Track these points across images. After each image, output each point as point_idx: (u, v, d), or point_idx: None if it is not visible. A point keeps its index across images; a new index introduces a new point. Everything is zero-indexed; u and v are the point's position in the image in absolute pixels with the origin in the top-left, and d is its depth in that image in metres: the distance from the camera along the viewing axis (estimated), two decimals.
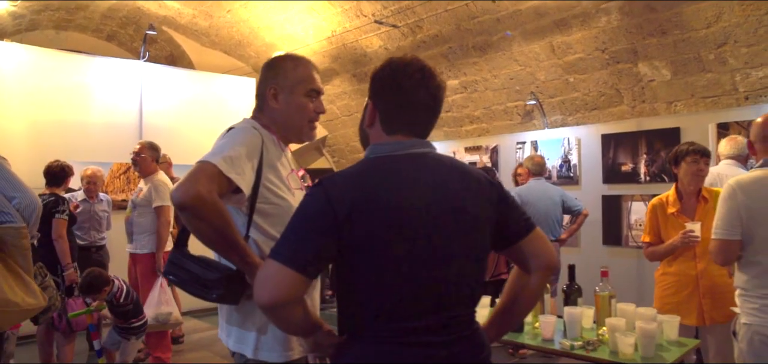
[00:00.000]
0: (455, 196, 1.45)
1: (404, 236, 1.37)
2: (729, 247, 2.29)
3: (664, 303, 3.01)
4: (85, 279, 3.89)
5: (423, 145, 1.50)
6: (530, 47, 6.15)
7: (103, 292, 3.85)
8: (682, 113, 5.68)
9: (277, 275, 1.33)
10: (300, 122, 1.93)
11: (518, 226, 1.56)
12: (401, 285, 1.37)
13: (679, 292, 2.96)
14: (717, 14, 4.93)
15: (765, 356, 2.21)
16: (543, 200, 4.94)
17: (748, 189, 2.27)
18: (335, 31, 7.19)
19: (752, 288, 2.27)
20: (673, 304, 2.96)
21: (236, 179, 1.69)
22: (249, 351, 1.83)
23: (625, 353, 2.22)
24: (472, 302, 1.52)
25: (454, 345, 1.43)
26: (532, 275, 1.57)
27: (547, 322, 2.51)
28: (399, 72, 1.49)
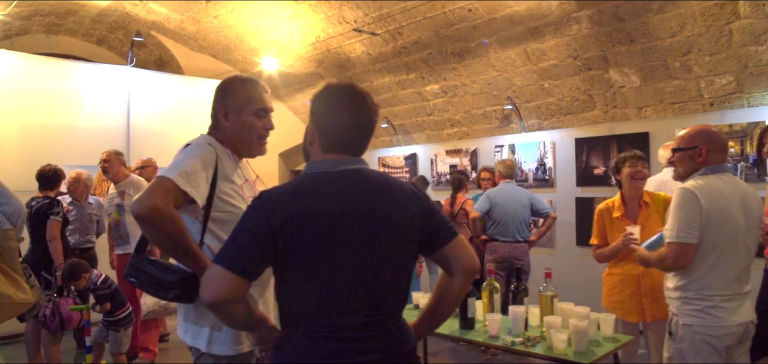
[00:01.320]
0: (382, 208, 1.63)
1: (332, 244, 1.56)
2: (687, 250, 2.35)
3: (609, 302, 3.20)
4: (66, 267, 4.15)
5: (356, 162, 1.68)
6: (506, 54, 6.33)
7: (82, 278, 4.11)
8: (652, 118, 5.88)
9: (219, 277, 1.52)
10: (249, 139, 2.11)
11: (441, 234, 1.73)
12: (330, 287, 1.56)
13: (622, 291, 3.15)
14: (681, 24, 5.11)
15: (707, 357, 2.35)
16: (512, 202, 5.12)
17: (706, 194, 2.36)
18: (319, 36, 7.36)
19: (695, 290, 2.39)
20: (618, 302, 3.15)
21: (191, 192, 1.88)
22: (203, 345, 2.02)
23: (558, 348, 2.40)
24: (397, 302, 1.70)
25: (379, 340, 1.61)
26: (455, 278, 1.75)
27: (493, 320, 2.69)
28: (334, 96, 1.70)
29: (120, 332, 4.29)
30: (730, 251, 2.37)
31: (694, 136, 2.53)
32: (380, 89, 7.92)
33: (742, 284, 2.42)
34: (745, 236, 2.41)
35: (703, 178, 2.44)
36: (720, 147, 2.49)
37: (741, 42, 4.95)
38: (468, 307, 2.86)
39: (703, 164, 2.49)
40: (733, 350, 2.41)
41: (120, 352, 4.32)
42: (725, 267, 2.35)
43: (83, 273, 4.20)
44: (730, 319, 2.33)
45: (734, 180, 2.48)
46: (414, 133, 8.26)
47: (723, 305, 2.34)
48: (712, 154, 2.47)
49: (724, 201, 2.37)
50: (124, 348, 4.36)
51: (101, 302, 4.17)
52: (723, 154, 2.49)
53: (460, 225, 5.73)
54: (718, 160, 2.47)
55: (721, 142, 2.50)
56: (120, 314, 4.28)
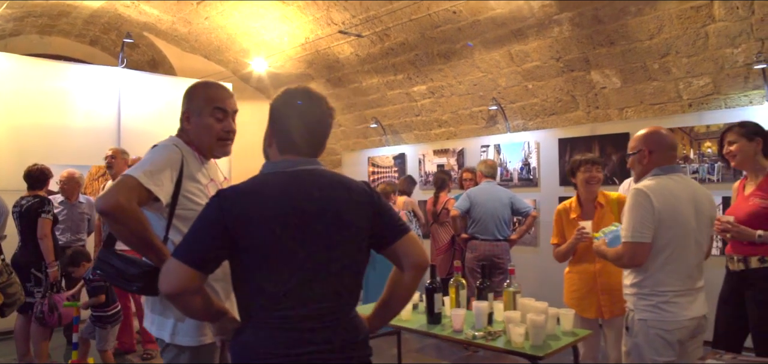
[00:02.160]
0: (333, 206, 1.72)
1: (284, 240, 1.65)
2: (641, 249, 2.43)
3: (570, 299, 3.31)
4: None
5: (310, 163, 1.78)
6: (491, 55, 6.42)
7: (82, 266, 4.24)
8: (633, 119, 5.97)
9: (175, 270, 1.62)
10: (208, 141, 2.20)
11: (391, 230, 1.83)
12: (281, 281, 1.65)
13: (580, 288, 3.26)
14: (658, 26, 5.21)
15: (661, 350, 2.45)
16: (492, 201, 5.21)
17: (659, 194, 2.44)
18: (308, 38, 7.46)
19: (649, 286, 2.47)
20: (577, 299, 3.25)
21: (155, 190, 1.98)
22: (167, 336, 2.11)
23: (516, 342, 2.49)
24: (348, 295, 1.79)
25: (331, 331, 1.70)
26: (405, 272, 1.84)
27: (456, 315, 2.79)
28: (290, 100, 1.80)
29: (107, 329, 4.38)
30: (681, 248, 2.46)
31: (638, 139, 2.63)
32: (369, 90, 8.02)
33: (695, 280, 2.50)
34: (697, 233, 2.49)
35: (656, 178, 2.54)
36: (664, 148, 2.57)
37: (717, 44, 5.05)
38: (435, 303, 2.95)
39: (650, 166, 2.58)
40: (686, 343, 2.50)
41: (106, 349, 4.42)
42: (677, 264, 2.44)
43: (83, 262, 4.35)
44: (682, 314, 2.42)
45: (685, 180, 2.57)
46: (403, 133, 8.35)
47: (675, 300, 2.42)
48: (656, 155, 2.55)
49: (675, 201, 2.46)
50: (109, 346, 4.45)
51: (96, 293, 4.25)
52: (670, 154, 2.57)
53: (443, 224, 5.82)
54: (665, 160, 2.55)
55: (666, 143, 2.57)
56: (110, 311, 4.38)
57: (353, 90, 8.22)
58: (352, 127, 8.99)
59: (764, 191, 2.95)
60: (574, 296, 3.28)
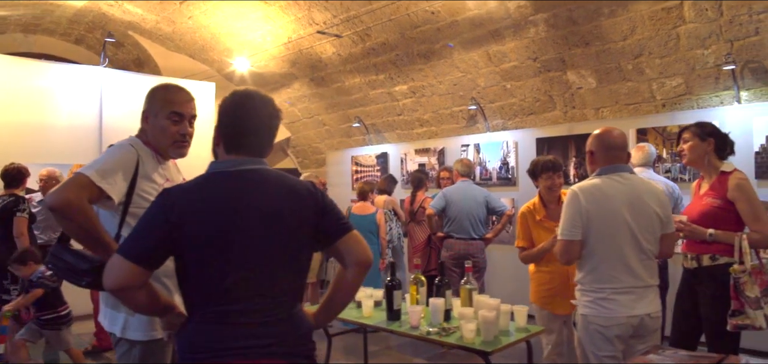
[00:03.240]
0: (275, 205, 1.77)
1: (226, 238, 1.70)
2: (571, 247, 2.55)
3: (539, 296, 3.36)
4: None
5: (255, 163, 1.83)
6: (469, 55, 6.48)
7: (28, 265, 4.19)
8: (609, 119, 6.03)
9: (119, 266, 1.67)
10: (164, 142, 2.25)
11: (334, 229, 1.88)
12: (222, 277, 1.70)
13: (552, 287, 3.30)
14: (631, 27, 5.27)
15: (600, 345, 2.52)
16: (467, 199, 5.27)
17: (588, 194, 2.55)
18: (291, 37, 7.50)
19: (588, 283, 2.57)
20: (548, 297, 3.31)
21: (107, 188, 2.04)
22: (118, 330, 2.17)
23: (467, 337, 2.55)
24: (290, 291, 1.84)
25: (272, 326, 1.76)
26: (348, 270, 1.89)
27: (413, 311, 2.85)
28: (238, 102, 1.86)
29: (61, 330, 4.37)
30: (617, 246, 2.51)
31: (588, 142, 2.71)
32: (352, 89, 8.07)
33: (638, 277, 2.53)
34: (637, 232, 2.53)
35: (593, 179, 2.63)
36: (605, 149, 2.64)
37: (688, 45, 5.12)
38: (394, 299, 3.01)
39: (594, 167, 2.67)
40: (628, 340, 2.54)
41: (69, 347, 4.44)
42: (614, 262, 2.50)
43: (31, 262, 4.25)
44: (620, 311, 2.47)
45: (627, 178, 2.59)
46: (385, 132, 8.41)
47: (614, 297, 2.48)
48: (598, 156, 2.65)
49: (606, 200, 2.53)
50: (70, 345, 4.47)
51: (33, 287, 4.20)
52: (611, 155, 2.63)
53: (420, 223, 5.87)
54: (606, 161, 2.63)
55: (607, 144, 2.64)
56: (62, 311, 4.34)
57: (336, 89, 8.27)
58: (336, 126, 9.03)
59: (716, 190, 3.01)
60: (545, 293, 3.33)
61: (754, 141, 4.95)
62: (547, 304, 3.34)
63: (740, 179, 2.93)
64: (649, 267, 2.61)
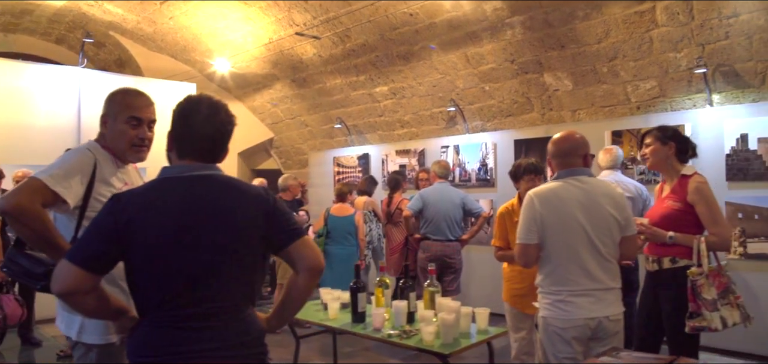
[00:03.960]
0: (224, 210, 1.78)
1: (174, 243, 1.71)
2: (528, 250, 2.57)
3: (510, 295, 3.40)
4: None
5: (207, 168, 1.83)
6: (448, 57, 6.51)
7: None
8: (585, 121, 6.08)
9: (66, 270, 1.67)
10: (121, 146, 2.25)
11: (286, 234, 1.88)
12: (171, 282, 1.71)
13: (523, 286, 3.33)
14: (606, 31, 5.32)
15: (559, 346, 2.54)
16: (443, 201, 5.29)
17: (543, 199, 2.57)
18: (272, 38, 7.50)
19: (546, 286, 2.59)
20: (518, 296, 3.34)
21: (62, 193, 2.04)
22: (74, 334, 2.17)
23: (426, 340, 2.57)
24: (240, 295, 1.85)
25: (222, 329, 1.76)
26: (300, 275, 1.90)
27: (376, 314, 2.86)
28: (190, 108, 1.86)
29: None
30: (573, 249, 2.53)
31: (548, 148, 2.74)
32: (333, 90, 8.08)
33: (596, 280, 2.55)
34: (591, 234, 2.55)
35: (551, 182, 2.66)
36: (560, 154, 2.67)
37: (661, 49, 5.17)
38: (358, 302, 3.02)
39: (553, 171, 2.70)
40: (587, 342, 2.57)
41: None
42: (571, 264, 2.52)
43: None
44: (577, 313, 2.49)
45: (583, 181, 2.61)
46: (367, 133, 8.42)
47: (571, 299, 2.51)
48: (555, 161, 2.69)
49: (560, 203, 2.55)
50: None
51: None
52: (566, 160, 2.65)
53: (397, 224, 5.89)
54: (562, 165, 2.66)
55: (562, 149, 2.67)
56: None
57: (318, 90, 8.27)
58: (318, 127, 9.04)
59: (677, 194, 3.05)
60: (516, 293, 3.36)
61: (725, 143, 5.01)
62: (517, 303, 3.37)
63: (699, 183, 2.97)
64: (609, 270, 2.62)
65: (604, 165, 4.43)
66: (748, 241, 4.87)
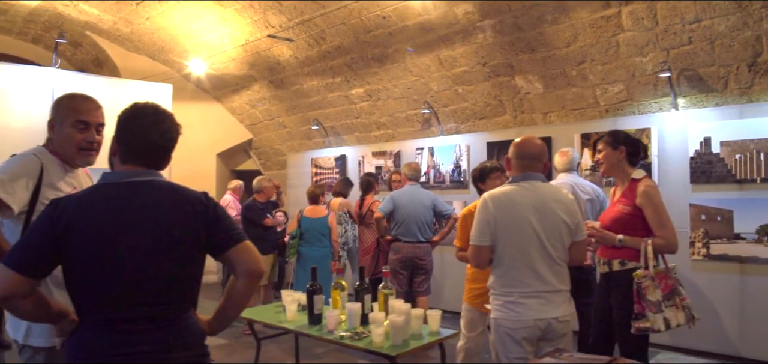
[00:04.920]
0: (164, 216, 1.81)
1: (112, 248, 1.74)
2: (480, 252, 2.62)
3: (471, 295, 3.45)
4: None
5: (149, 175, 1.87)
6: (422, 60, 6.56)
7: None
8: (556, 123, 6.16)
9: (2, 275, 1.69)
10: (69, 150, 2.27)
11: (224, 239, 1.92)
12: (108, 286, 1.74)
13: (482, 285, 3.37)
14: (574, 35, 5.39)
15: (509, 346, 2.59)
16: (413, 203, 5.34)
17: (497, 202, 2.63)
18: (248, 40, 7.51)
19: (498, 287, 2.65)
20: (478, 296, 3.38)
21: (5, 198, 2.06)
22: (20, 337, 2.19)
23: (375, 341, 2.61)
24: (179, 298, 1.88)
25: (160, 333, 1.80)
26: (239, 280, 1.94)
27: (330, 316, 2.90)
28: (135, 115, 1.89)
29: None
30: (524, 251, 2.59)
31: (509, 150, 2.79)
32: (310, 92, 8.10)
33: (546, 282, 2.61)
34: (544, 238, 2.61)
35: (506, 186, 2.71)
36: (518, 158, 2.73)
37: (627, 53, 5.25)
38: (314, 303, 3.06)
39: (511, 174, 2.76)
40: (537, 343, 2.62)
41: None
42: (523, 267, 2.58)
43: None
44: (527, 314, 2.55)
45: (536, 186, 2.67)
46: (344, 135, 8.46)
47: (522, 301, 2.56)
48: (513, 163, 2.74)
49: (514, 206, 2.61)
50: None
51: None
52: (523, 164, 2.71)
53: (368, 226, 5.93)
54: (519, 169, 2.72)
55: (519, 154, 2.73)
56: None
57: (295, 92, 8.29)
58: (297, 128, 9.06)
59: (627, 197, 3.11)
60: (476, 293, 3.41)
61: (690, 147, 5.10)
62: (473, 301, 3.42)
63: (648, 186, 3.04)
64: (559, 273, 2.68)
65: (561, 168, 4.50)
66: (711, 242, 4.96)
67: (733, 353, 4.83)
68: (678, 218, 5.10)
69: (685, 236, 5.08)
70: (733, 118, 4.90)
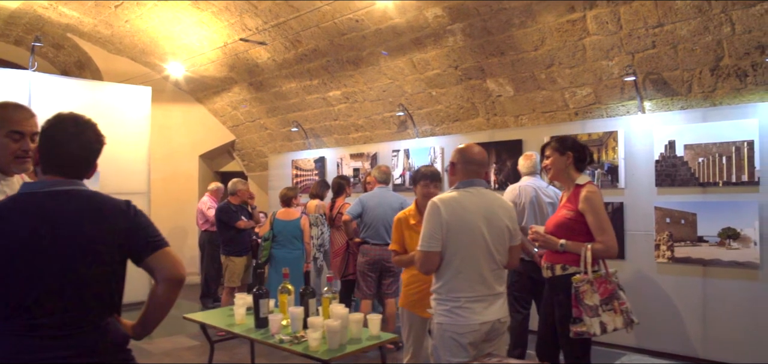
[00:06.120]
0: (82, 224, 1.86)
1: (29, 254, 1.78)
2: (430, 257, 2.63)
3: (407, 300, 3.47)
4: None
5: (69, 184, 1.91)
6: (395, 62, 6.59)
7: None
8: (527, 126, 6.19)
9: None
10: (4, 159, 2.30)
11: (144, 247, 1.96)
12: (29, 292, 1.78)
13: (420, 289, 3.41)
14: (541, 38, 5.42)
15: (456, 352, 2.61)
16: (381, 206, 5.37)
17: (449, 207, 2.63)
18: (227, 42, 7.54)
19: (445, 292, 2.65)
20: (415, 300, 3.41)
21: None
22: None
23: (311, 346, 2.65)
24: (98, 304, 1.91)
25: (78, 337, 1.84)
26: (159, 285, 1.98)
27: (273, 320, 2.93)
28: (56, 126, 1.94)
29: None
30: (473, 256, 2.63)
31: (452, 154, 2.82)
32: (289, 94, 8.13)
33: (489, 286, 2.65)
34: (490, 243, 2.65)
35: (453, 191, 2.73)
36: (466, 163, 2.75)
37: (594, 57, 5.28)
38: (260, 307, 3.09)
39: (455, 179, 2.78)
40: (480, 345, 2.66)
41: None
42: (470, 272, 2.61)
43: None
44: (473, 318, 2.58)
45: (482, 193, 2.72)
46: (324, 137, 8.49)
47: (468, 305, 2.59)
48: (459, 168, 2.76)
49: (464, 212, 2.64)
50: None
51: None
52: (470, 169, 2.75)
53: (339, 228, 5.96)
54: (466, 175, 2.74)
55: (468, 159, 2.76)
56: None
57: (274, 94, 8.33)
58: (277, 130, 9.09)
59: (572, 202, 3.14)
60: (413, 296, 3.44)
61: (655, 150, 5.13)
62: (414, 307, 3.44)
63: (589, 192, 3.07)
64: (499, 276, 2.75)
65: (525, 171, 4.53)
66: (675, 245, 4.99)
67: (695, 355, 4.87)
68: (644, 221, 5.16)
69: (651, 238, 5.12)
70: (697, 122, 4.93)
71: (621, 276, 3.15)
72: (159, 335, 6.36)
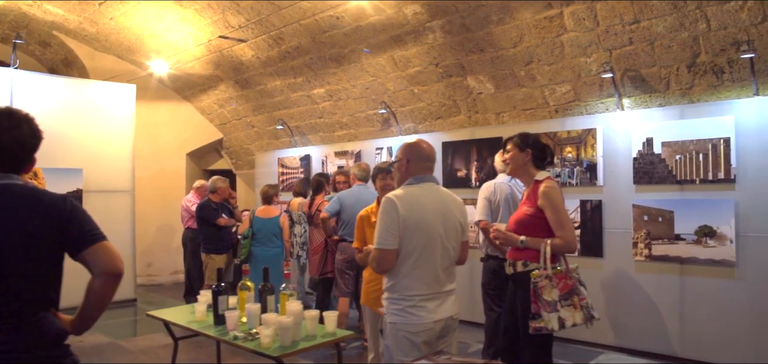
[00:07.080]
0: (16, 218, 1.84)
1: None
2: (387, 255, 2.54)
3: (368, 297, 3.45)
4: None
5: (5, 178, 1.90)
6: (377, 60, 6.56)
7: None
8: (508, 124, 6.16)
9: None
10: None
11: (80, 241, 1.94)
12: None
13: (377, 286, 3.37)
14: (520, 35, 5.39)
15: (408, 351, 2.57)
16: (359, 203, 5.29)
17: (406, 203, 2.55)
18: (211, 40, 7.52)
19: (398, 291, 2.58)
20: (376, 297, 3.38)
21: None
22: None
23: (264, 343, 2.62)
24: (32, 298, 1.90)
25: (12, 333, 1.83)
26: (95, 279, 1.96)
27: (229, 316, 2.91)
28: None
29: None
30: (428, 254, 2.58)
31: (401, 150, 2.78)
32: (274, 92, 8.11)
33: (442, 283, 2.61)
34: (445, 240, 2.61)
35: (407, 187, 2.68)
36: (419, 159, 2.70)
37: (572, 54, 5.25)
38: (219, 304, 3.07)
39: (407, 175, 2.72)
40: (433, 343, 2.63)
41: None
42: (424, 269, 2.55)
43: None
44: (427, 317, 2.53)
45: (435, 189, 2.69)
46: (309, 134, 8.46)
47: (422, 304, 2.53)
48: (412, 164, 2.69)
49: (421, 209, 2.59)
50: None
51: None
52: (424, 165, 2.70)
53: (317, 226, 5.94)
54: (419, 171, 2.69)
55: (421, 155, 2.71)
56: None
57: (260, 92, 8.30)
58: (264, 128, 9.07)
59: (531, 199, 3.12)
60: (372, 293, 3.41)
61: (633, 147, 5.10)
62: (375, 304, 3.41)
63: (547, 187, 3.04)
64: (452, 273, 2.70)
65: (501, 168, 4.51)
66: (652, 243, 4.96)
67: (673, 353, 4.83)
68: (622, 219, 5.13)
69: (629, 236, 5.08)
70: (675, 119, 4.90)
71: (599, 274, 3.13)
72: (139, 333, 6.34)
